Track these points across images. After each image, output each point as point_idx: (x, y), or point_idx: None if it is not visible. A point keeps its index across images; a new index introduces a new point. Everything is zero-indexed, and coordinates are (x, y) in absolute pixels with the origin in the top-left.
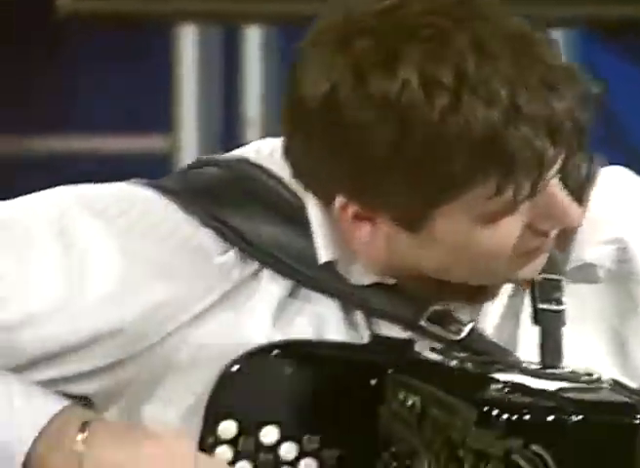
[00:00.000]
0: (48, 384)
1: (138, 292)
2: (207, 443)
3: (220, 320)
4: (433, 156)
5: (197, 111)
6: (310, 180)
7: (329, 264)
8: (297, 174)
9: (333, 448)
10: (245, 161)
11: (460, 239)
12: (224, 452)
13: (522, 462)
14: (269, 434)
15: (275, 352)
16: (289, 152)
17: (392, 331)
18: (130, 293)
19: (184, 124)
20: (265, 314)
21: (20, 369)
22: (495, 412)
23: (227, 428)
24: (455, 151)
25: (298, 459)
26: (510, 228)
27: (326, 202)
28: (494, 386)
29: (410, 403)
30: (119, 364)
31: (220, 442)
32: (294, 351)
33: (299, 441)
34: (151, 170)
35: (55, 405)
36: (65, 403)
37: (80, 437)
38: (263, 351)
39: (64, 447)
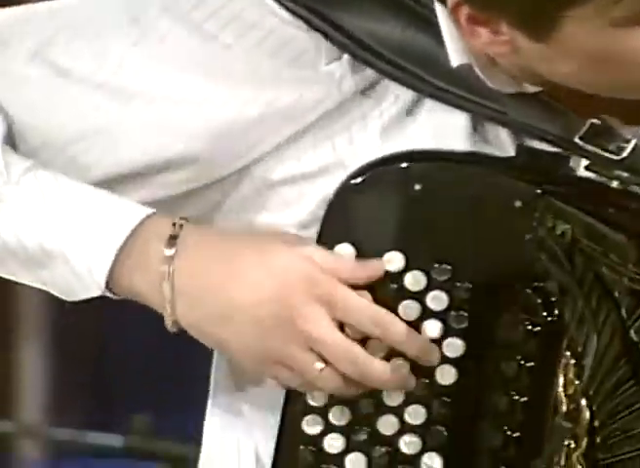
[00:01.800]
0: None
1: (227, 103)
2: None
3: (325, 137)
4: None
5: None
6: None
7: (459, 72)
8: None
9: (466, 281)
10: None
11: (596, 48)
12: None
13: None
14: (393, 261)
15: (402, 164)
16: None
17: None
18: (219, 104)
19: None
20: (378, 132)
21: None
22: None
23: (344, 252)
24: None
25: (426, 291)
26: None
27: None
28: None
29: (559, 231)
30: (209, 187)
31: None
32: (423, 164)
33: (427, 270)
34: None
35: (134, 214)
36: (148, 211)
37: (167, 253)
38: (387, 162)
39: (150, 267)
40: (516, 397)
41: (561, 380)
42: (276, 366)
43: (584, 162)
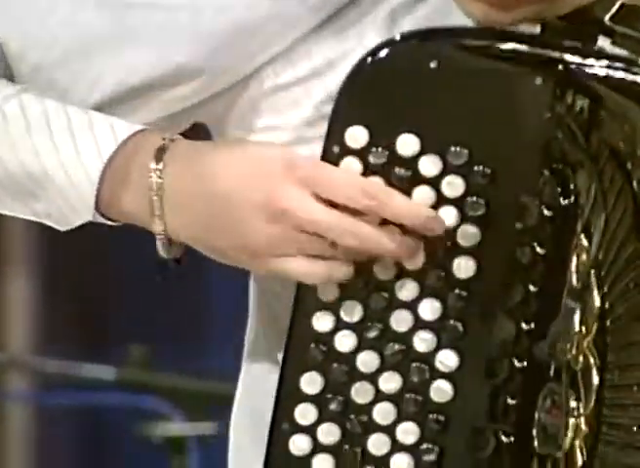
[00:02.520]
0: None
1: (232, 6)
2: (331, 153)
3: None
4: None
5: None
6: None
7: None
8: None
9: (483, 165)
10: None
11: None
12: (351, 163)
13: None
14: (407, 144)
15: (417, 41)
16: None
17: None
18: (222, 7)
19: None
20: (388, 18)
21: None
22: None
23: (356, 135)
24: None
25: (441, 176)
26: None
27: None
28: None
29: (578, 107)
30: (213, 99)
31: (346, 151)
32: (438, 41)
33: (442, 154)
34: None
35: (122, 130)
36: (137, 127)
37: (154, 166)
38: (402, 40)
39: (138, 181)
40: (531, 287)
41: (574, 263)
42: (279, 258)
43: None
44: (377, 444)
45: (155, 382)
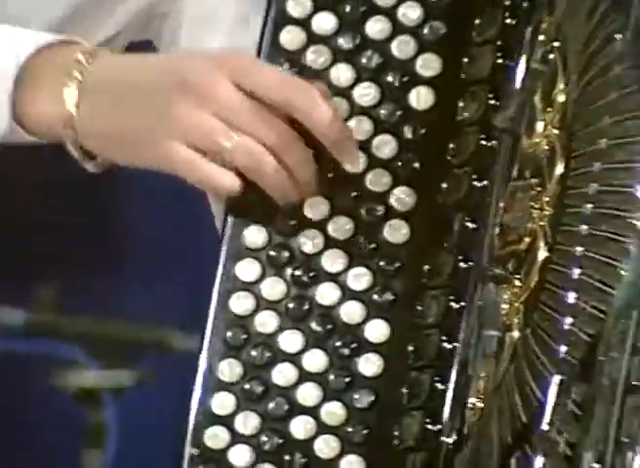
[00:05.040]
0: None
1: None
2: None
3: None
4: None
5: None
6: None
7: None
8: None
9: None
10: None
11: None
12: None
13: None
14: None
15: None
16: None
17: None
18: None
19: None
20: None
21: None
22: None
23: None
24: None
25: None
26: None
27: None
28: None
29: None
30: None
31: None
32: None
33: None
34: None
35: (44, 36)
36: (60, 36)
37: (82, 57)
38: None
39: (53, 77)
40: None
41: None
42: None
43: None
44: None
45: (67, 327)
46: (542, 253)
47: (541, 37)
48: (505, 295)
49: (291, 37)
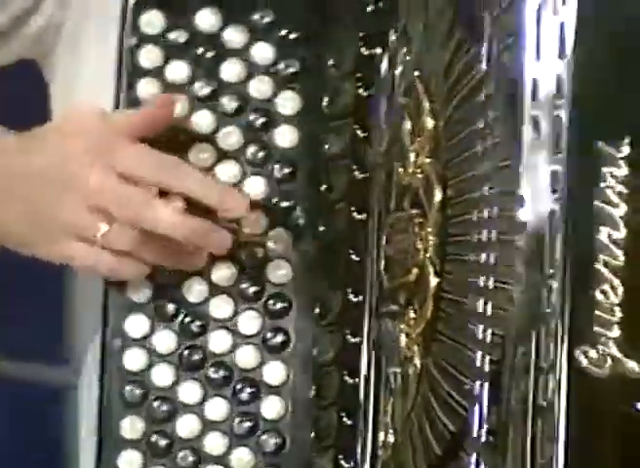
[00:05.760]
0: None
1: None
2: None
3: None
4: None
5: None
6: None
7: None
8: None
9: None
10: None
11: None
12: (152, 51)
13: None
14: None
15: None
16: None
17: None
18: None
19: None
20: None
21: None
22: None
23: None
24: None
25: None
26: None
27: None
28: None
29: None
30: None
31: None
32: None
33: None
34: None
35: None
36: None
37: None
38: None
39: None
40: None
41: None
42: (67, 240)
43: None
44: None
45: None
46: (434, 283)
47: (400, 68)
48: (402, 326)
49: (146, 89)
